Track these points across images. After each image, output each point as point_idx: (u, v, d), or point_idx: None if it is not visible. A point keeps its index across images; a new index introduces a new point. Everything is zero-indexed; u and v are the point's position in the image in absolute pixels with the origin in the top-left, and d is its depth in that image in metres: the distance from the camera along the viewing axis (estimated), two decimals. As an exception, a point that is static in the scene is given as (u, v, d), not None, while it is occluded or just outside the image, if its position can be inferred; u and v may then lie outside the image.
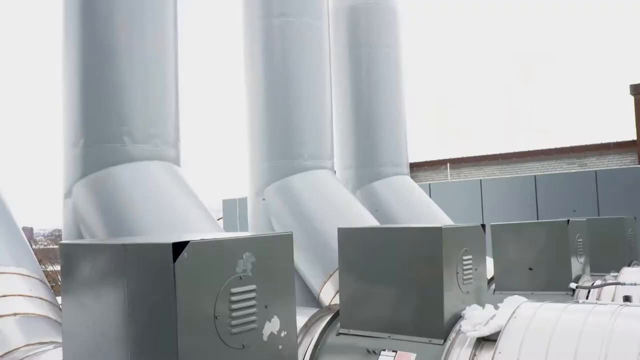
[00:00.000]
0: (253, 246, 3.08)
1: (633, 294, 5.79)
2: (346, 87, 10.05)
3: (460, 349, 4.26)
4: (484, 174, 20.07)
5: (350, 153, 9.94)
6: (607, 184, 13.79)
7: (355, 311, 4.74)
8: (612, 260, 7.96)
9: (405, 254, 4.54)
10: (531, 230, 6.84)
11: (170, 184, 6.10)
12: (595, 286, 6.36)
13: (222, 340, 2.89)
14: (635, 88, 19.34)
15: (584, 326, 3.92)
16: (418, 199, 9.79)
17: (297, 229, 7.62)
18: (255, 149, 8.24)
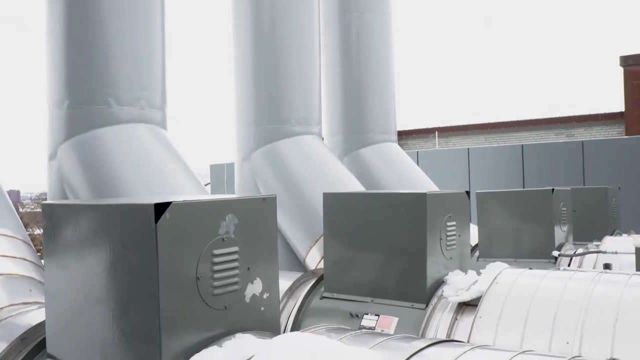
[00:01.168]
0: (236, 208, 3.08)
1: (613, 262, 5.87)
2: (335, 53, 9.97)
3: (441, 313, 4.31)
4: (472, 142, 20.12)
5: (339, 119, 9.90)
6: (594, 154, 13.88)
7: (339, 275, 4.77)
8: (596, 229, 8.05)
9: (389, 219, 4.56)
10: (516, 198, 6.88)
11: (156, 146, 6.06)
12: (577, 254, 6.44)
13: (204, 301, 2.90)
14: (624, 59, 19.34)
15: (564, 292, 3.98)
16: (405, 166, 9.80)
17: (284, 194, 7.62)
18: (242, 113, 8.18)
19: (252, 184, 8.03)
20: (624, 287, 3.94)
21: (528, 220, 6.74)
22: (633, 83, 18.99)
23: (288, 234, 7.62)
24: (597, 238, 7.39)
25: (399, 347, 2.53)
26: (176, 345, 2.78)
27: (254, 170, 7.97)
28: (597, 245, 6.84)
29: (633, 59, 19.16)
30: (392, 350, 2.51)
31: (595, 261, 6.38)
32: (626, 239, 7.12)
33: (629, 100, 19.01)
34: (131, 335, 2.83)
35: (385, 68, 10.16)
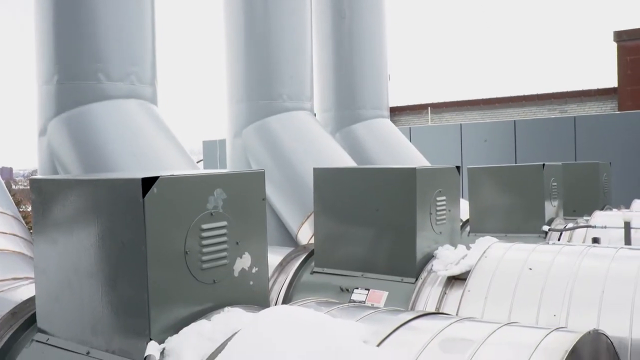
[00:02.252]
0: (224, 183, 3.08)
1: (602, 237, 5.91)
2: (327, 29, 9.91)
3: (431, 287, 4.34)
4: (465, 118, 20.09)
5: (331, 95, 9.89)
6: (586, 130, 13.91)
7: (329, 250, 4.80)
8: (586, 204, 8.10)
9: (379, 194, 4.57)
10: (507, 173, 6.90)
11: (146, 122, 6.04)
12: (567, 229, 6.48)
13: (193, 275, 2.92)
14: (618, 35, 19.26)
15: (552, 266, 4.01)
16: (397, 141, 9.81)
17: (276, 170, 7.63)
18: (234, 89, 8.16)
19: (243, 160, 8.04)
20: (611, 260, 3.98)
21: (519, 195, 6.76)
22: (626, 58, 18.95)
23: (280, 210, 7.64)
24: (588, 213, 7.44)
25: (386, 319, 2.56)
26: (165, 318, 2.80)
27: (245, 146, 7.97)
28: (587, 220, 6.88)
29: (627, 34, 19.09)
30: (379, 322, 2.54)
31: (584, 236, 6.42)
32: (616, 214, 7.16)
33: (622, 75, 18.97)
34: (120, 309, 2.85)
35: (377, 44, 10.12)
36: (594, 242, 5.42)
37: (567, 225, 6.77)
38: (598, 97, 19.49)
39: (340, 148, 8.00)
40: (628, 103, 18.45)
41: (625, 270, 3.84)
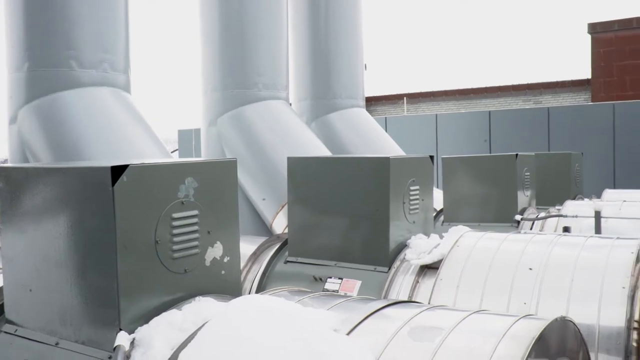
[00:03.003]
0: (196, 171, 3.05)
1: (574, 226, 6.00)
2: (303, 18, 9.87)
3: (404, 276, 4.37)
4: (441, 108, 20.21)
5: (306, 85, 9.86)
6: (559, 120, 14.06)
7: (303, 239, 4.80)
8: (558, 193, 8.20)
9: (353, 183, 4.57)
10: (480, 163, 6.95)
11: (119, 110, 5.97)
12: (539, 218, 6.56)
13: (164, 264, 2.90)
14: (592, 27, 19.47)
15: (522, 254, 4.06)
16: (372, 131, 9.83)
17: (251, 159, 7.60)
18: (209, 78, 8.09)
19: (218, 149, 7.99)
20: (581, 249, 4.03)
21: (492, 185, 6.82)
22: (600, 50, 19.18)
23: (254, 199, 7.62)
24: (560, 202, 7.53)
25: (357, 307, 2.56)
26: (135, 308, 2.78)
27: (220, 135, 7.92)
28: (559, 210, 6.97)
29: (600, 26, 19.31)
30: (350, 310, 2.54)
31: (556, 225, 6.50)
32: (587, 203, 7.27)
33: (595, 67, 19.21)
34: (90, 299, 2.82)
35: (353, 33, 10.10)
36: (565, 231, 5.50)
37: (539, 214, 6.85)
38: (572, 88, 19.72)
39: (315, 137, 7.99)
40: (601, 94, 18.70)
41: (594, 258, 3.89)
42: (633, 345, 3.48)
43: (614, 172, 13.38)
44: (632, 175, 12.96)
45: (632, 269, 3.71)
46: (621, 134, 13.43)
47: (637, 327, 3.52)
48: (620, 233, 5.67)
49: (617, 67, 18.90)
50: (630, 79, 18.73)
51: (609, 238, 4.21)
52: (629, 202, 7.11)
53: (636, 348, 3.48)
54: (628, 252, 3.84)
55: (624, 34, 18.83)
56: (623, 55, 18.86)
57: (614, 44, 18.99)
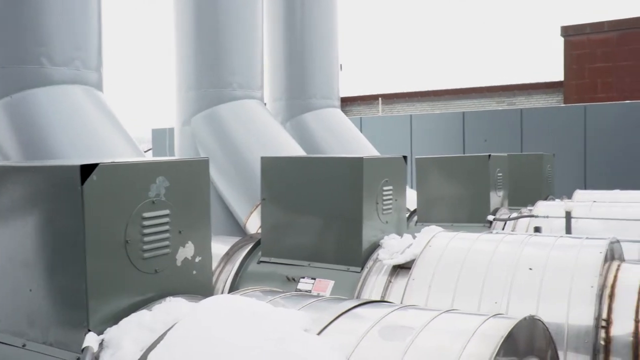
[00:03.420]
0: (167, 171, 3.03)
1: (545, 226, 6.07)
2: (279, 18, 9.85)
3: (376, 276, 4.38)
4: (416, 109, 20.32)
5: (281, 84, 9.84)
6: (531, 122, 14.22)
7: (276, 239, 4.78)
8: (530, 194, 8.29)
9: (326, 183, 4.57)
10: (453, 164, 7.00)
11: (91, 108, 5.90)
12: (511, 218, 6.63)
13: (134, 264, 2.87)
14: (565, 30, 19.74)
15: (494, 254, 4.09)
16: (347, 131, 9.84)
17: (225, 159, 7.57)
18: (183, 77, 8.03)
19: (192, 148, 7.93)
20: (551, 249, 4.08)
21: (465, 186, 6.87)
22: (572, 53, 19.45)
23: (228, 199, 7.58)
24: (531, 203, 7.62)
25: (328, 307, 2.56)
26: (104, 309, 2.74)
27: (194, 134, 7.87)
28: (530, 210, 7.05)
29: (573, 29, 19.59)
30: (321, 310, 2.54)
31: (528, 225, 6.58)
32: (558, 204, 7.35)
33: (567, 69, 19.48)
34: (58, 300, 2.78)
35: (328, 34, 10.11)
36: (536, 231, 5.56)
37: (511, 215, 6.92)
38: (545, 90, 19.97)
39: (290, 137, 7.97)
40: (573, 96, 18.97)
41: (564, 258, 3.94)
42: (601, 343, 3.53)
43: (585, 173, 13.58)
44: (602, 176, 13.16)
45: (600, 268, 3.77)
46: (592, 135, 13.62)
47: (604, 325, 3.57)
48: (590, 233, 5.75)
49: (589, 70, 19.18)
50: (601, 81, 19.03)
51: (579, 238, 4.27)
52: (599, 203, 7.21)
53: (604, 346, 3.53)
54: (597, 252, 3.90)
55: (595, 37, 19.12)
56: (595, 58, 19.15)
57: (586, 47, 19.27)
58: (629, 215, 6.45)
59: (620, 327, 3.55)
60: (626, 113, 13.42)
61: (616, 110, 13.64)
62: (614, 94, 18.47)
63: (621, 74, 18.82)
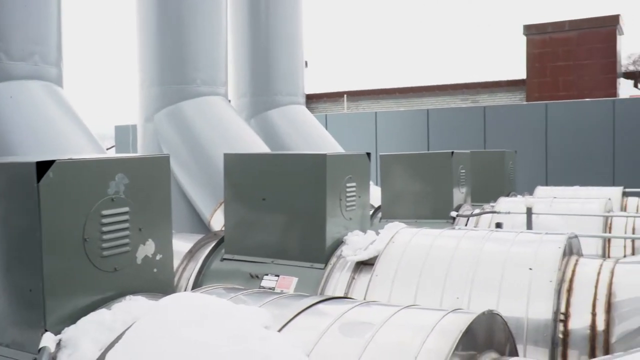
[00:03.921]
0: (126, 167, 2.98)
1: (506, 221, 6.15)
2: (243, 14, 9.79)
3: (340, 272, 4.39)
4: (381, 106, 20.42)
5: (246, 81, 9.78)
6: (494, 119, 14.41)
7: (239, 237, 4.76)
8: (493, 190, 8.39)
9: (290, 180, 4.57)
10: (417, 160, 7.05)
11: (50, 104, 5.79)
12: (474, 214, 6.70)
13: (92, 263, 2.82)
14: (527, 28, 20.05)
15: (456, 250, 4.13)
16: (312, 128, 9.84)
17: (188, 156, 7.50)
18: (146, 72, 7.93)
19: (155, 145, 7.84)
20: (511, 244, 4.13)
21: (429, 182, 6.92)
22: (534, 52, 19.77)
23: (193, 197, 7.52)
24: (494, 199, 7.71)
25: (290, 304, 2.56)
26: (62, 308, 2.70)
27: (157, 131, 7.78)
28: (493, 206, 7.14)
29: (535, 28, 19.91)
30: (282, 307, 2.53)
31: (490, 221, 6.65)
32: (519, 200, 7.46)
33: (530, 68, 19.79)
34: (14, 300, 2.72)
35: (293, 30, 10.09)
36: (497, 227, 5.64)
37: (474, 211, 6.99)
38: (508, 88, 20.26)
39: (254, 134, 7.94)
40: (535, 94, 19.29)
41: (524, 253, 3.99)
42: (559, 336, 3.59)
43: (547, 169, 13.81)
44: (563, 173, 13.41)
45: (559, 263, 3.83)
46: (553, 132, 13.87)
47: (563, 319, 3.63)
48: (550, 229, 5.85)
49: (550, 68, 19.52)
50: (562, 79, 19.38)
51: (538, 234, 4.33)
52: (559, 199, 7.34)
53: (562, 339, 3.60)
54: (555, 247, 3.96)
55: (557, 36, 19.46)
56: (556, 56, 19.49)
57: (548, 46, 19.60)
58: (588, 211, 6.59)
59: (577, 320, 3.62)
60: (586, 111, 13.69)
61: (576, 108, 13.91)
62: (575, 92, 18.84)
63: (581, 72, 19.19)
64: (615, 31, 19.02)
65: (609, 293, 3.67)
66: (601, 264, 3.92)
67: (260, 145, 7.65)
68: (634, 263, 4.03)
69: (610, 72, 19.00)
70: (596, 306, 3.64)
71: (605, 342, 3.54)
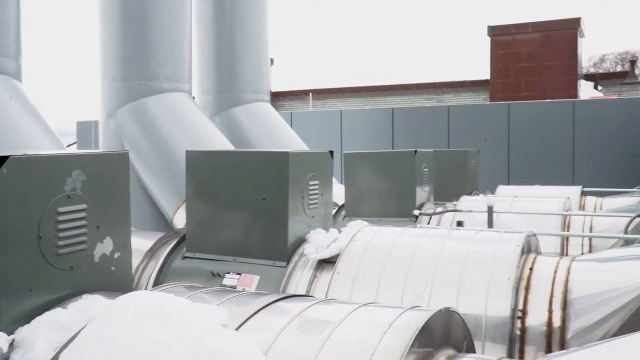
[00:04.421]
0: (84, 164, 2.94)
1: (468, 220, 6.22)
2: (208, 9, 9.71)
3: (302, 271, 4.38)
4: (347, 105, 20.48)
5: (210, 78, 9.71)
6: (458, 118, 14.56)
7: (201, 235, 4.72)
8: (455, 189, 8.48)
9: (252, 178, 4.55)
10: (381, 159, 7.09)
11: (7, 99, 5.67)
12: (436, 213, 6.77)
13: (47, 261, 2.77)
14: (491, 29, 20.31)
15: (417, 248, 4.16)
16: (277, 126, 9.82)
17: (151, 152, 7.42)
18: (109, 67, 7.81)
19: (118, 142, 7.73)
20: (472, 242, 4.18)
21: (392, 181, 6.97)
22: (498, 52, 20.04)
23: (155, 194, 7.44)
24: (457, 198, 7.80)
25: (248, 302, 2.55)
26: (16, 308, 2.64)
27: (119, 127, 7.67)
28: (455, 205, 7.21)
29: (499, 29, 20.18)
30: (241, 305, 2.52)
31: (452, 219, 6.72)
32: (481, 199, 7.55)
33: (493, 68, 20.06)
34: (-34, 299, 2.66)
35: (259, 27, 10.04)
36: (459, 225, 5.70)
37: (437, 209, 7.06)
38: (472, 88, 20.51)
39: (218, 131, 7.89)
40: (499, 95, 19.56)
41: (483, 251, 4.05)
42: (517, 333, 3.65)
43: (509, 168, 14.02)
44: (524, 172, 13.63)
45: (517, 261, 3.89)
46: (515, 132, 14.07)
47: (520, 316, 3.69)
48: (510, 227, 5.94)
49: (513, 69, 19.81)
50: (525, 80, 19.69)
51: (498, 232, 4.39)
52: (519, 198, 7.46)
53: (520, 336, 3.65)
54: (514, 245, 4.02)
55: (520, 37, 19.75)
56: (519, 57, 19.79)
57: (511, 47, 19.88)
58: (547, 210, 6.70)
59: (535, 317, 3.68)
60: (548, 111, 13.93)
61: (538, 108, 14.14)
62: (537, 93, 19.16)
63: (544, 74, 19.52)
64: (576, 34, 19.39)
65: (565, 290, 3.74)
66: (558, 261, 3.99)
67: (224, 142, 7.60)
68: (589, 261, 4.11)
69: (572, 74, 19.37)
70: (553, 303, 3.70)
71: (561, 338, 3.61)
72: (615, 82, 21.60)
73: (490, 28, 20.25)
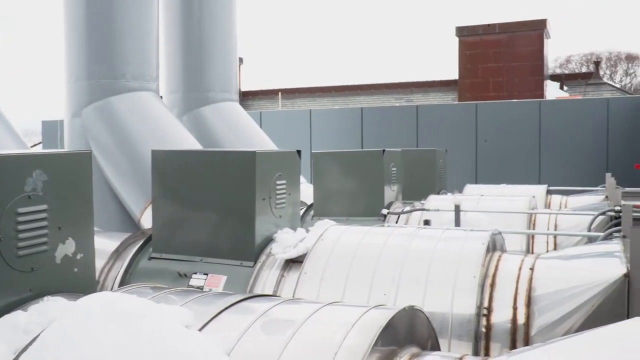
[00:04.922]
0: (45, 164, 2.89)
1: (435, 219, 6.27)
2: (175, 7, 9.62)
3: (269, 270, 4.37)
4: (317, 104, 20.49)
5: (178, 77, 9.62)
6: (426, 118, 14.67)
7: (168, 235, 4.68)
8: (423, 188, 8.54)
9: (219, 177, 4.52)
10: (349, 158, 7.11)
11: (-32, 98, 5.55)
12: (404, 212, 6.81)
13: (7, 263, 2.72)
14: (459, 30, 20.50)
15: (384, 247, 4.18)
16: (245, 125, 9.77)
17: (117, 152, 7.32)
18: (74, 66, 7.68)
19: (83, 141, 7.61)
20: (438, 241, 4.22)
21: (360, 180, 6.99)
22: (466, 53, 20.23)
23: (122, 194, 7.35)
24: (425, 197, 7.85)
25: (212, 302, 2.53)
26: (-26, 311, 2.59)
27: (85, 127, 7.56)
28: (423, 204, 7.27)
29: (467, 30, 20.38)
30: (206, 305, 2.50)
31: (420, 218, 6.77)
32: (449, 198, 7.62)
33: (462, 68, 20.25)
34: None
35: (227, 26, 9.98)
36: (426, 224, 5.74)
37: (405, 208, 7.10)
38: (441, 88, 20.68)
39: (186, 131, 7.82)
40: (467, 95, 19.75)
41: (450, 250, 4.08)
42: (482, 330, 3.69)
43: (476, 168, 14.17)
44: (491, 171, 13.79)
45: (482, 259, 3.93)
46: (482, 132, 14.23)
47: (486, 313, 3.73)
48: (477, 226, 6.00)
49: (481, 69, 20.03)
50: (493, 80, 19.91)
51: (464, 230, 4.43)
52: (486, 197, 7.54)
53: (485, 333, 3.69)
54: (479, 243, 4.06)
55: (488, 38, 19.97)
56: (487, 58, 20.01)
57: (479, 47, 20.10)
58: (513, 209, 6.79)
59: (499, 314, 3.72)
60: (514, 111, 14.12)
61: (505, 108, 14.32)
62: (504, 93, 19.39)
63: (511, 74, 19.77)
64: (542, 35, 19.68)
65: (530, 287, 3.79)
66: (523, 259, 4.05)
67: (192, 142, 7.54)
68: (553, 258, 4.17)
69: (538, 74, 19.65)
70: (517, 300, 3.75)
71: (525, 334, 3.66)
72: (580, 83, 21.98)
73: (459, 29, 20.44)
